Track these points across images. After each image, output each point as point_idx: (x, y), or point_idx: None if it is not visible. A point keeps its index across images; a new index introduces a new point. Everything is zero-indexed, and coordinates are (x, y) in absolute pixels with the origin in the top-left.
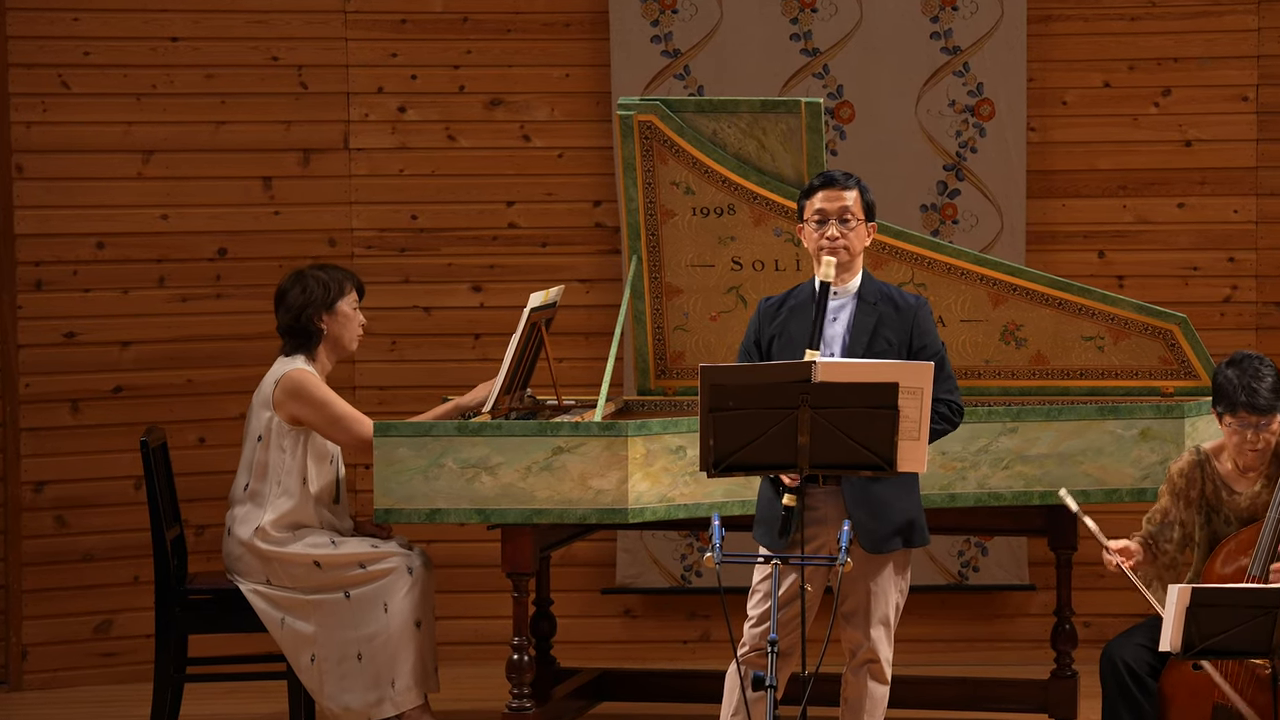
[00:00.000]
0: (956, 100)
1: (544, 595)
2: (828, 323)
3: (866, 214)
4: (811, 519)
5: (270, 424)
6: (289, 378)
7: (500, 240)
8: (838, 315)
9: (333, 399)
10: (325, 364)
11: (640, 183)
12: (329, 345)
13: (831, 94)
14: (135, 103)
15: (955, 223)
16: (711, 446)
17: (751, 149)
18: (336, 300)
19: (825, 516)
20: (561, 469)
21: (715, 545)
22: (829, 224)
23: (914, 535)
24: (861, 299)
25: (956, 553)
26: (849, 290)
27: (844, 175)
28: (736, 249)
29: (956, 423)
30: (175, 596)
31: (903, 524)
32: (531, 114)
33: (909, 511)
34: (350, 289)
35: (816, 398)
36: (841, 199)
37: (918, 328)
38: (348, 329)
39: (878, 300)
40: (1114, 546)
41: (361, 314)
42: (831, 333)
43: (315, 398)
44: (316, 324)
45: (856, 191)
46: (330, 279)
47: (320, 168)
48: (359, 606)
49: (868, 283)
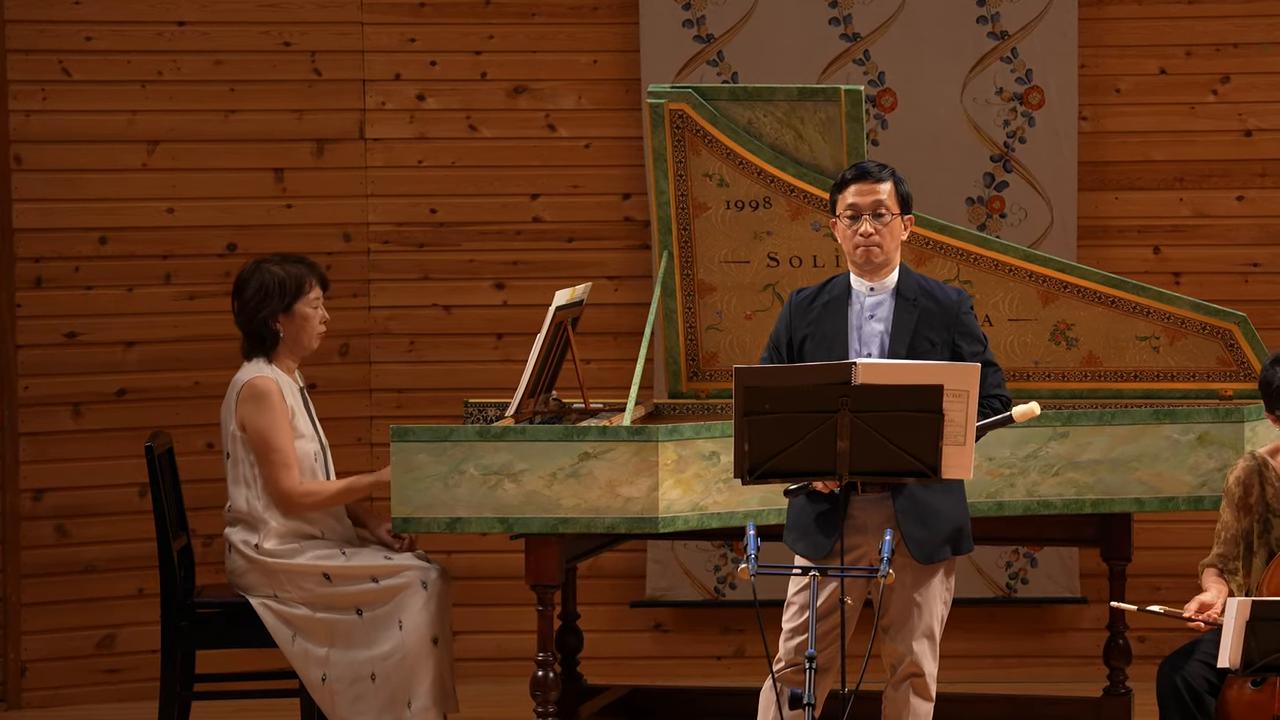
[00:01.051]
0: (1004, 88)
1: (570, 609)
2: (865, 320)
3: (902, 207)
4: (852, 528)
5: (235, 439)
6: (251, 384)
7: (524, 235)
8: (875, 313)
9: (282, 427)
10: (289, 364)
11: (671, 175)
12: (287, 347)
13: (873, 81)
14: (140, 90)
15: (1003, 217)
16: (746, 452)
17: (788, 139)
18: (295, 302)
19: (866, 525)
20: (589, 476)
21: (750, 556)
22: (862, 220)
23: (961, 542)
24: (900, 295)
25: (1004, 564)
26: (886, 286)
27: (877, 166)
28: (773, 244)
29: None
30: (182, 610)
31: (952, 532)
32: (557, 102)
33: (958, 518)
34: (311, 285)
35: (857, 401)
36: (875, 192)
37: (960, 325)
38: (305, 330)
39: (917, 296)
40: (1190, 610)
41: (324, 309)
42: (869, 331)
43: (267, 417)
44: (272, 327)
45: (891, 183)
46: (288, 276)
47: (335, 159)
48: (372, 625)
49: (905, 278)
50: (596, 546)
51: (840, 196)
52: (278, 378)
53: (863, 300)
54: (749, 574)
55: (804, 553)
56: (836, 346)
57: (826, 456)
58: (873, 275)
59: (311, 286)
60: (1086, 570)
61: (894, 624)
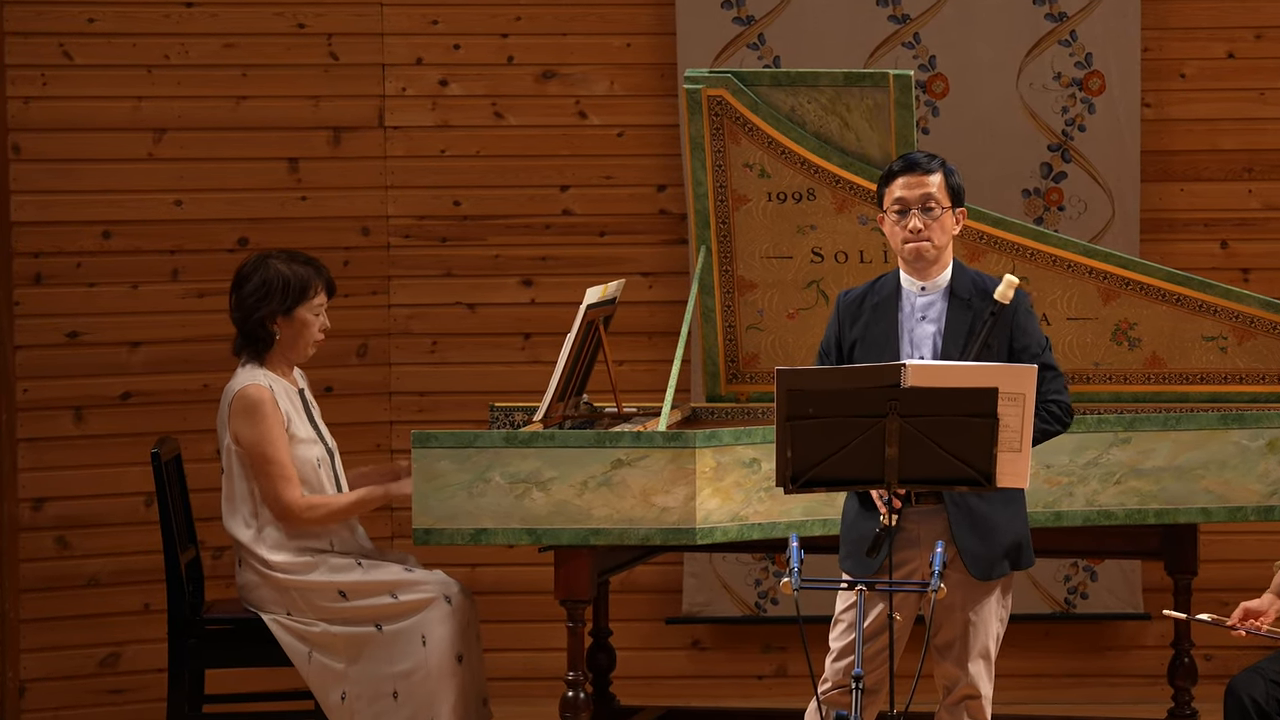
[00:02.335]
0: (1063, 73)
1: (602, 625)
2: (916, 322)
3: (954, 199)
4: (902, 541)
5: (230, 453)
6: (242, 395)
7: (553, 229)
8: (927, 314)
9: (277, 439)
10: (283, 368)
11: (709, 165)
12: (281, 350)
13: (923, 65)
14: (146, 75)
15: (1061, 209)
16: (789, 459)
17: (834, 127)
18: (297, 305)
19: (918, 538)
20: (621, 484)
21: (793, 569)
22: (910, 214)
23: (1021, 557)
24: (954, 295)
25: (1063, 578)
26: (938, 285)
27: (926, 157)
28: (817, 238)
29: (1067, 423)
30: (190, 626)
31: (1011, 546)
32: (588, 88)
33: (1018, 532)
34: (316, 290)
35: (906, 405)
36: (923, 185)
37: (1017, 324)
38: (303, 336)
39: (972, 295)
40: (1235, 618)
41: (326, 317)
42: (921, 333)
43: (260, 428)
44: (268, 328)
45: (941, 175)
46: (294, 277)
47: (352, 148)
48: (394, 640)
49: (959, 275)
50: (630, 559)
51: (887, 190)
52: (271, 383)
53: (913, 300)
54: (792, 589)
55: (850, 570)
56: (887, 351)
57: (874, 464)
58: (923, 273)
59: (316, 291)
60: (1150, 585)
61: (948, 643)
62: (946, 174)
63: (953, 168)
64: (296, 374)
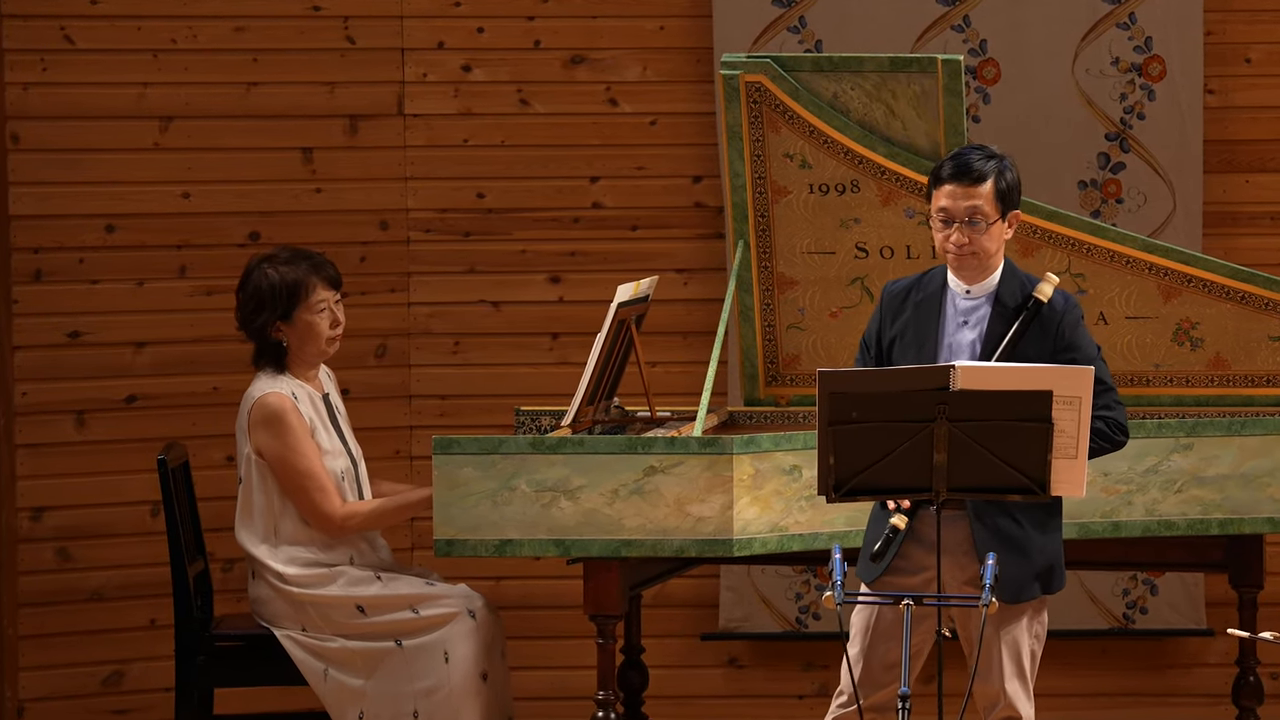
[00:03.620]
0: (1121, 57)
1: (634, 642)
2: (957, 327)
3: (1005, 206)
4: (919, 547)
5: (250, 463)
6: (262, 404)
7: (583, 223)
8: (969, 319)
9: (306, 449)
10: (305, 372)
11: (748, 155)
12: (296, 355)
13: (974, 50)
14: (151, 60)
15: (1119, 202)
16: (832, 466)
17: (879, 115)
18: (293, 309)
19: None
20: (654, 493)
21: (836, 583)
22: (954, 226)
23: (1053, 580)
24: (999, 301)
25: (1121, 592)
26: (985, 289)
27: (981, 159)
28: (861, 233)
29: (1120, 442)
30: (199, 643)
31: (1044, 568)
32: (620, 73)
33: (1050, 554)
34: (313, 289)
35: (956, 408)
36: (971, 197)
37: (1063, 335)
38: (311, 337)
39: (1019, 304)
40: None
41: (338, 310)
42: (961, 340)
43: (286, 439)
44: (271, 336)
45: (990, 184)
46: (282, 281)
47: (370, 137)
48: (415, 656)
49: (1009, 280)
50: (663, 572)
51: (935, 193)
52: (293, 389)
53: (957, 303)
54: (835, 603)
55: (860, 575)
56: (925, 353)
57: (921, 470)
58: (970, 277)
59: (313, 290)
60: (1213, 599)
61: (983, 664)
62: (999, 178)
63: (1008, 164)
64: (323, 376)
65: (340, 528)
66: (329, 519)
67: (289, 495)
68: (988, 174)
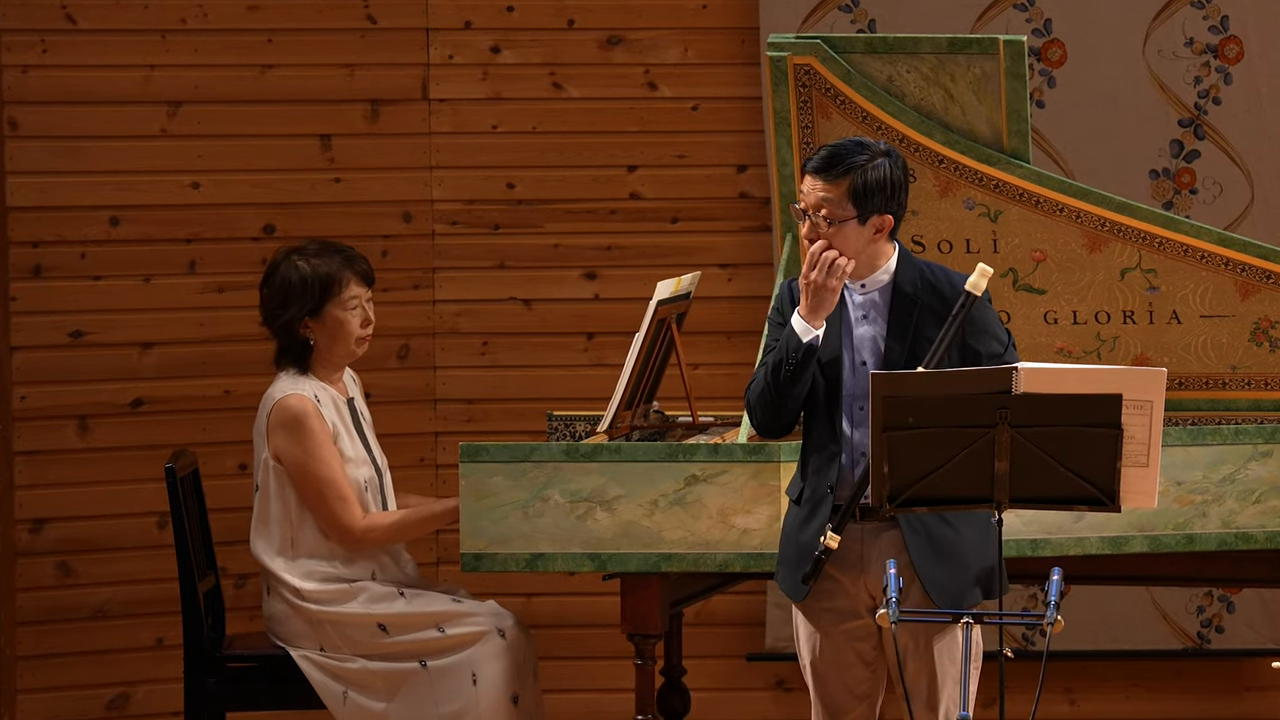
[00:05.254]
0: (1195, 38)
1: (675, 663)
2: (856, 321)
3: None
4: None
5: (268, 469)
6: (282, 406)
7: (619, 215)
8: (867, 313)
9: (328, 456)
10: (330, 374)
11: (796, 142)
12: (322, 355)
13: (1038, 30)
14: (159, 41)
15: (1193, 193)
16: (886, 475)
17: (936, 100)
18: (324, 304)
19: (861, 558)
20: (697, 503)
21: (890, 599)
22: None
23: (992, 584)
24: (898, 289)
25: (1195, 610)
26: (878, 281)
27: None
28: (918, 225)
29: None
30: (209, 664)
31: (983, 571)
32: (659, 55)
33: (990, 556)
34: (346, 283)
35: (1019, 413)
36: (821, 190)
37: (972, 322)
38: (341, 336)
39: (918, 290)
40: None
41: (369, 308)
42: (861, 335)
43: (307, 445)
44: (297, 333)
45: (847, 181)
46: (314, 273)
47: (392, 123)
48: (440, 678)
49: (905, 268)
50: (706, 588)
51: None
52: (316, 392)
53: (852, 298)
54: (889, 621)
55: (786, 591)
56: (828, 354)
57: (982, 480)
58: (856, 273)
59: (346, 284)
60: None
61: (913, 689)
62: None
63: (884, 163)
64: (347, 379)
65: (360, 541)
66: (349, 531)
67: (307, 504)
68: (847, 170)
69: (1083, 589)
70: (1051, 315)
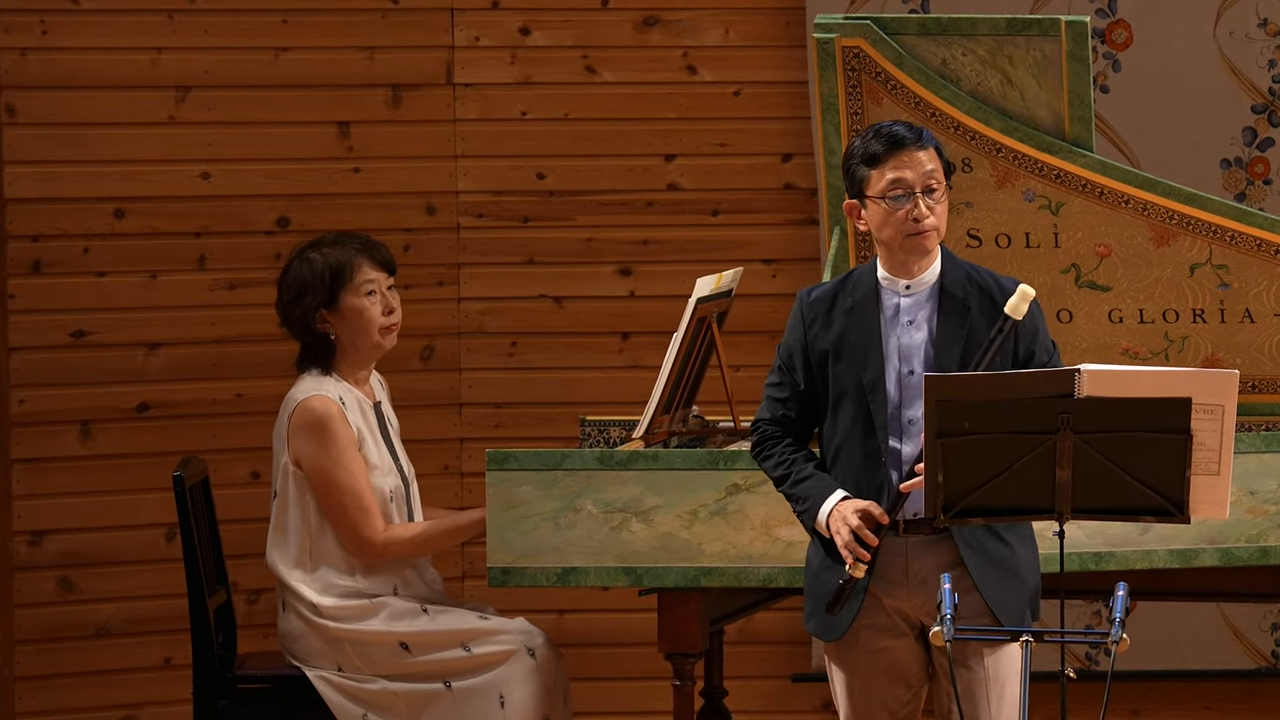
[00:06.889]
0: (1270, 19)
1: (716, 683)
2: (902, 328)
3: (948, 175)
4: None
5: (286, 474)
6: (305, 408)
7: (657, 207)
8: (914, 318)
9: (351, 463)
10: (356, 374)
11: (844, 129)
12: (346, 352)
13: (1101, 11)
14: (167, 23)
15: (1267, 183)
16: (941, 484)
17: (994, 84)
18: (338, 292)
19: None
20: (739, 514)
21: (945, 616)
22: (913, 199)
23: (1038, 604)
24: (945, 293)
25: (1269, 627)
26: (925, 282)
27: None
28: (974, 218)
29: None
30: (220, 685)
31: (1034, 591)
32: (699, 37)
33: (1035, 570)
34: (358, 269)
35: (1081, 418)
36: (926, 162)
37: (1023, 326)
38: (360, 327)
39: (968, 294)
40: None
41: (390, 296)
42: (909, 343)
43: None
44: (315, 329)
45: (934, 148)
46: (326, 262)
47: (415, 109)
48: (466, 700)
49: (950, 269)
50: (749, 604)
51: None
52: (341, 394)
53: (896, 303)
54: (943, 639)
55: (815, 632)
56: (871, 364)
57: (1042, 489)
58: (911, 269)
59: (358, 270)
60: None
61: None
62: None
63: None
64: (375, 383)
65: (381, 555)
66: (369, 544)
67: (326, 514)
68: (928, 139)
69: (1149, 605)
70: (1116, 314)
